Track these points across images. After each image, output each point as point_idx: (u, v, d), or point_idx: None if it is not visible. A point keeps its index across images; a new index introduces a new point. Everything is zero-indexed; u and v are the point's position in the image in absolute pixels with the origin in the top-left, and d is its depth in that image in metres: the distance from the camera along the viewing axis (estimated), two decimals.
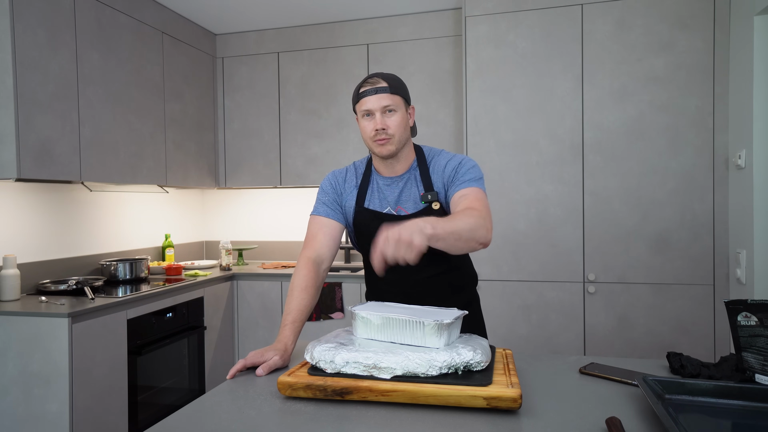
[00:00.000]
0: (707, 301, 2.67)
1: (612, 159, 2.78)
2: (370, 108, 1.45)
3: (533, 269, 2.88)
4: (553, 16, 2.85)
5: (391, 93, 1.45)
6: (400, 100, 1.47)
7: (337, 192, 1.57)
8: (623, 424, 0.94)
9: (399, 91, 1.47)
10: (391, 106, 1.45)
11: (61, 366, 2.18)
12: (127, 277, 3.03)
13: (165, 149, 3.29)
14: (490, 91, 2.94)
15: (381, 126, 1.44)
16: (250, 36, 3.80)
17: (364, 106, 1.46)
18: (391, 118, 1.45)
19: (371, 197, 1.54)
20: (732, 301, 1.08)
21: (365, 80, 1.49)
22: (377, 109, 1.44)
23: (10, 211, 2.62)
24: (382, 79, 1.47)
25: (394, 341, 1.16)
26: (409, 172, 1.54)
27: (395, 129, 1.45)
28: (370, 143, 1.48)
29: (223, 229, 4.17)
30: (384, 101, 1.44)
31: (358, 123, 1.53)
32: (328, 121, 3.66)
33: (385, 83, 1.46)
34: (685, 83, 2.69)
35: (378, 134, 1.45)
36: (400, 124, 1.46)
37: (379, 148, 1.47)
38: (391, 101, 1.45)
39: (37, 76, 2.39)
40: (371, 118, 1.46)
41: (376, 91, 1.45)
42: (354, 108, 1.52)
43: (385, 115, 1.45)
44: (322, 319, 3.34)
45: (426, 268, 1.51)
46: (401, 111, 1.47)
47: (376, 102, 1.44)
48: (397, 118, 1.46)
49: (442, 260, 1.53)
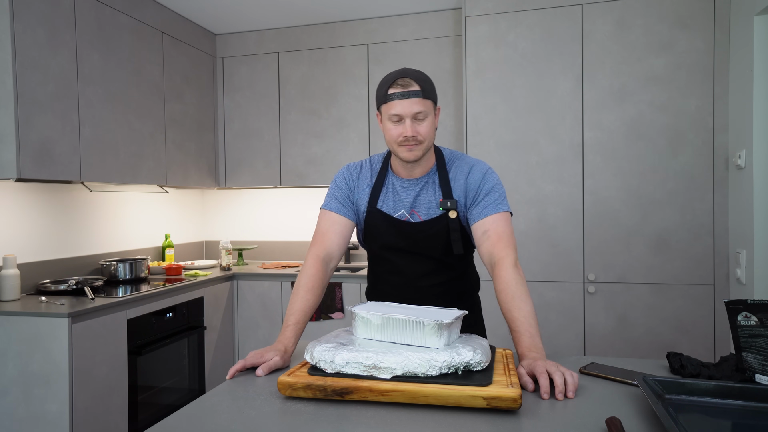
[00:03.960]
0: (707, 301, 2.67)
1: (612, 159, 2.78)
2: (400, 113, 1.33)
3: (533, 269, 2.88)
4: (553, 16, 2.85)
5: (423, 98, 1.33)
6: (431, 104, 1.36)
7: (350, 188, 1.50)
8: (623, 424, 0.94)
9: (430, 95, 1.36)
10: (423, 113, 1.34)
11: (61, 366, 2.18)
12: (127, 277, 3.03)
13: (165, 149, 3.29)
14: (490, 91, 2.94)
15: (412, 134, 1.34)
16: (250, 36, 3.80)
17: (393, 110, 1.34)
18: (422, 125, 1.35)
19: (385, 198, 1.48)
20: (732, 301, 1.08)
21: (395, 80, 1.34)
22: (408, 116, 1.33)
23: (10, 211, 2.62)
24: (413, 80, 1.33)
25: (394, 341, 1.16)
26: (427, 176, 1.46)
27: (425, 135, 1.36)
28: (395, 147, 1.38)
29: (223, 229, 4.17)
30: (416, 107, 1.32)
31: (379, 122, 1.41)
32: (328, 121, 3.66)
33: (417, 86, 1.33)
34: (685, 83, 2.69)
35: (407, 140, 1.35)
36: (431, 129, 1.37)
37: (407, 153, 1.37)
38: (423, 107, 1.33)
39: (37, 76, 2.39)
40: (399, 123, 1.35)
41: (407, 95, 1.32)
42: (378, 107, 1.40)
43: (415, 121, 1.34)
44: (322, 319, 3.34)
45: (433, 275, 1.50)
46: (431, 116, 1.37)
47: (407, 108, 1.32)
48: (428, 123, 1.36)
49: (449, 269, 1.52)
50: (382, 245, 1.50)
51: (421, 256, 1.48)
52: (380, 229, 1.48)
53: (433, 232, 1.44)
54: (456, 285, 1.55)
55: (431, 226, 1.44)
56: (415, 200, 1.46)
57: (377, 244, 1.52)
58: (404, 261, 1.49)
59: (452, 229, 1.43)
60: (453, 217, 1.42)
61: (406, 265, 1.50)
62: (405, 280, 1.51)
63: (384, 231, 1.48)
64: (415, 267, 1.49)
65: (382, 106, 1.38)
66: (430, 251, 1.47)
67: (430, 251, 1.47)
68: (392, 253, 1.50)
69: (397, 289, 1.53)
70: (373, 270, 1.62)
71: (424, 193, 1.46)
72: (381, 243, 1.50)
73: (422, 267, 1.49)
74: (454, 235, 1.43)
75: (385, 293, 1.57)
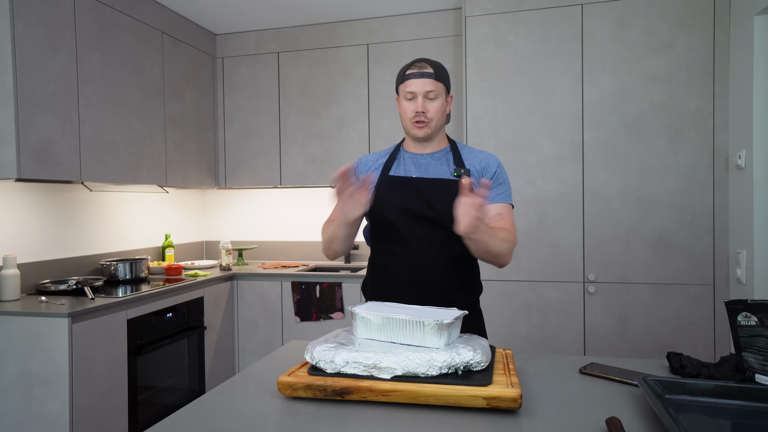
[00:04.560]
0: (707, 301, 2.67)
1: (612, 159, 2.78)
2: (414, 90, 1.50)
3: (533, 269, 2.88)
4: (553, 16, 2.85)
5: (435, 79, 1.50)
6: (443, 87, 1.52)
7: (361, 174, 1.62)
8: (623, 424, 0.94)
9: (443, 79, 1.52)
10: (434, 93, 1.50)
11: (61, 366, 2.18)
12: (127, 277, 3.03)
13: (165, 149, 3.29)
14: (490, 91, 2.94)
15: (421, 109, 1.50)
16: (250, 36, 3.80)
17: (408, 88, 1.51)
18: (432, 104, 1.51)
19: (397, 169, 1.59)
20: (732, 301, 1.08)
21: (413, 63, 1.53)
22: (420, 93, 1.50)
23: (10, 211, 2.62)
24: (429, 65, 1.51)
25: (394, 341, 1.16)
26: (440, 152, 1.59)
27: (434, 114, 1.51)
28: (407, 124, 1.54)
29: (223, 229, 4.17)
30: (428, 86, 1.49)
31: (398, 103, 1.58)
32: (328, 121, 3.66)
33: (431, 69, 1.50)
34: (685, 83, 2.69)
35: (417, 116, 1.50)
36: (439, 109, 1.52)
37: (416, 130, 1.53)
38: (434, 87, 1.50)
39: (37, 76, 2.39)
40: (413, 101, 1.51)
41: (421, 75, 1.50)
42: (397, 88, 1.57)
43: (426, 99, 1.50)
44: (322, 319, 3.34)
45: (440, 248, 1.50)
46: (442, 98, 1.52)
47: (420, 86, 1.49)
48: (438, 104, 1.51)
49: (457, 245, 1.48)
50: (392, 208, 1.52)
51: (432, 224, 1.49)
52: (392, 192, 1.53)
53: (446, 192, 1.49)
54: (462, 270, 1.54)
55: (445, 185, 1.51)
56: (427, 169, 1.56)
57: (387, 208, 1.52)
58: (412, 229, 1.50)
59: None
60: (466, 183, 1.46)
61: (413, 233, 1.50)
62: (410, 252, 1.51)
63: (396, 193, 1.54)
64: (424, 236, 1.50)
65: (400, 86, 1.55)
66: (442, 215, 1.47)
67: (442, 215, 1.47)
68: (401, 219, 1.51)
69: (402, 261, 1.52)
70: (376, 248, 1.61)
71: (437, 165, 1.57)
72: (392, 205, 1.52)
73: (431, 237, 1.50)
74: None
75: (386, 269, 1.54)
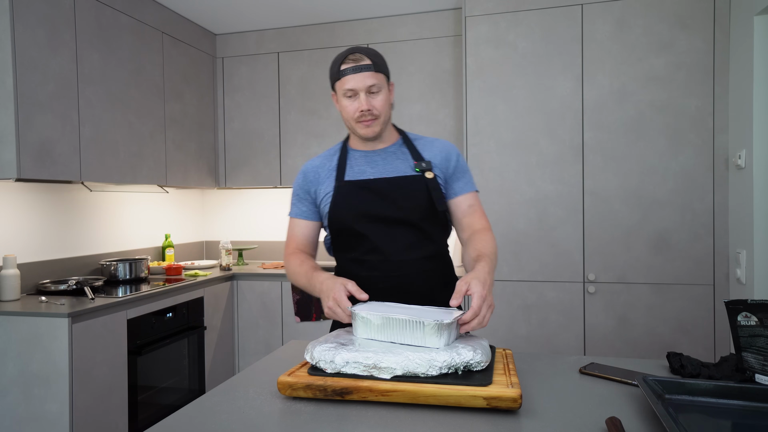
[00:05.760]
0: (707, 301, 2.67)
1: (612, 159, 2.78)
2: (353, 87, 1.37)
3: (533, 269, 2.88)
4: (553, 16, 2.85)
5: (375, 71, 1.38)
6: (383, 78, 1.41)
7: (312, 186, 1.50)
8: (623, 424, 0.94)
9: (382, 69, 1.40)
10: (376, 86, 1.38)
11: (61, 366, 2.18)
12: (127, 277, 3.03)
13: (165, 149, 3.29)
14: (490, 91, 2.94)
15: (367, 107, 1.38)
16: (250, 36, 3.80)
17: (347, 85, 1.37)
18: (376, 98, 1.39)
19: (351, 170, 1.46)
20: (732, 301, 1.08)
21: (346, 56, 1.38)
22: (361, 89, 1.37)
23: (10, 211, 2.62)
24: (364, 55, 1.38)
25: (393, 341, 1.16)
26: (394, 146, 1.48)
27: (380, 109, 1.40)
28: (352, 124, 1.42)
29: (223, 229, 4.17)
30: (368, 80, 1.37)
31: (336, 102, 1.45)
32: (328, 121, 3.66)
33: (369, 60, 1.37)
34: (685, 83, 2.69)
35: (364, 115, 1.39)
36: (385, 102, 1.41)
37: (365, 129, 1.41)
38: (375, 80, 1.38)
39: (37, 76, 2.39)
40: (354, 99, 1.39)
41: (359, 70, 1.36)
42: (333, 85, 1.43)
43: (369, 95, 1.38)
44: (322, 319, 3.33)
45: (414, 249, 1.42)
46: (385, 89, 1.41)
47: (360, 81, 1.37)
48: (382, 97, 1.40)
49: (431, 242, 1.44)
50: (357, 216, 1.41)
51: (402, 225, 1.41)
52: (353, 199, 1.42)
53: (412, 190, 1.41)
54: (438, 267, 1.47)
55: (408, 182, 1.41)
56: (384, 167, 1.45)
57: (351, 217, 1.42)
58: (383, 234, 1.41)
59: (432, 187, 1.42)
60: (430, 177, 1.42)
61: (385, 238, 1.41)
62: (384, 257, 1.41)
63: (358, 199, 1.42)
64: (396, 239, 1.41)
65: (336, 83, 1.41)
66: (411, 214, 1.40)
67: (411, 214, 1.40)
68: (369, 226, 1.41)
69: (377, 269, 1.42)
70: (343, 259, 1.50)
71: (393, 161, 1.46)
72: (356, 213, 1.41)
73: (403, 238, 1.41)
74: (435, 193, 1.42)
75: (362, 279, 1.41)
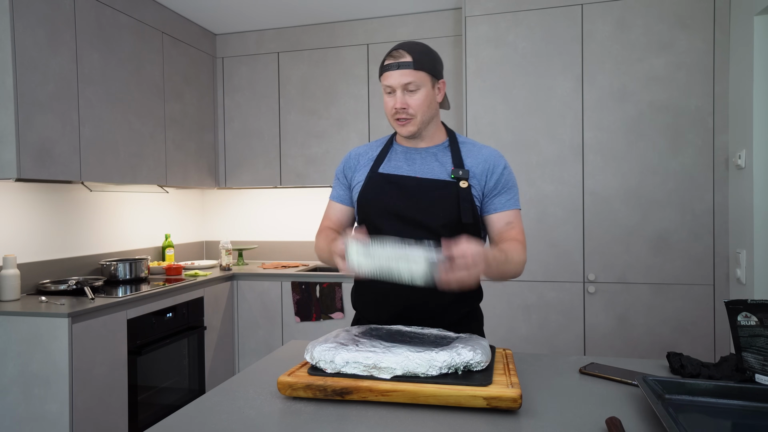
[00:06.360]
0: (707, 301, 2.67)
1: (612, 159, 2.78)
2: (391, 84, 1.35)
3: (533, 269, 2.88)
4: (553, 16, 2.85)
5: (414, 69, 1.33)
6: (425, 76, 1.35)
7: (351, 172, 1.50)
8: (623, 424, 0.94)
9: (425, 66, 1.34)
10: (414, 84, 1.34)
11: (61, 366, 2.18)
12: (127, 277, 3.02)
13: (165, 149, 3.29)
14: (490, 91, 2.94)
15: (401, 105, 1.35)
16: (250, 36, 3.80)
17: (386, 81, 1.36)
18: (413, 97, 1.35)
19: (388, 164, 1.44)
20: (732, 301, 1.08)
21: (390, 52, 1.37)
22: (398, 87, 1.34)
23: (10, 211, 2.62)
24: (407, 52, 1.34)
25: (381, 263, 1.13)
26: (437, 147, 1.44)
27: (417, 109, 1.35)
28: (391, 121, 1.40)
29: (223, 229, 4.17)
30: (405, 78, 1.33)
31: None
32: (328, 121, 3.66)
33: (410, 57, 1.34)
34: (685, 83, 2.69)
35: (398, 113, 1.36)
36: (423, 102, 1.36)
37: (400, 128, 1.39)
38: (413, 78, 1.33)
39: (37, 76, 2.39)
40: (392, 95, 1.36)
41: (398, 66, 1.34)
42: (380, 80, 1.42)
43: (406, 93, 1.35)
44: (322, 319, 3.34)
45: None
46: (426, 88, 1.36)
47: (397, 78, 1.34)
48: (420, 96, 1.35)
49: None
50: (378, 209, 1.39)
51: (420, 228, 1.36)
52: (379, 192, 1.40)
53: (440, 195, 1.37)
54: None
55: (438, 187, 1.37)
56: (421, 166, 1.42)
57: (374, 209, 1.40)
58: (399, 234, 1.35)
59: (462, 198, 1.36)
60: (464, 186, 1.37)
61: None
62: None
63: (384, 193, 1.40)
64: None
65: (380, 78, 1.39)
66: (435, 219, 1.36)
67: (435, 219, 1.36)
68: (387, 222, 1.38)
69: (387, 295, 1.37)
70: None
71: (431, 162, 1.42)
72: (378, 206, 1.39)
73: None
74: (464, 204, 1.36)
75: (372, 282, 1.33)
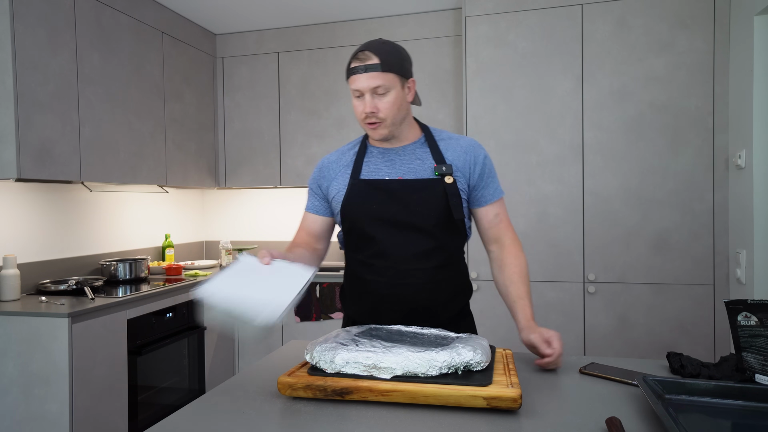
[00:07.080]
0: (707, 301, 2.67)
1: (612, 159, 2.78)
2: (359, 88, 1.30)
3: (533, 269, 2.87)
4: (553, 16, 2.85)
5: (382, 71, 1.28)
6: (394, 77, 1.30)
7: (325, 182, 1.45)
8: (623, 424, 0.94)
9: (393, 68, 1.29)
10: (383, 87, 1.29)
11: (61, 366, 2.18)
12: (127, 277, 3.03)
13: (165, 149, 3.29)
14: (490, 91, 2.94)
15: (370, 110, 1.30)
16: (250, 36, 3.80)
17: (353, 85, 1.31)
18: (382, 101, 1.30)
19: (367, 169, 1.40)
20: (732, 301, 1.08)
21: (356, 54, 1.31)
22: (366, 90, 1.29)
23: (10, 211, 2.62)
24: (374, 53, 1.29)
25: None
26: (413, 144, 1.40)
27: (387, 112, 1.31)
28: (362, 124, 1.36)
29: (223, 229, 4.17)
30: (374, 81, 1.28)
31: None
32: (328, 121, 3.66)
33: (377, 59, 1.28)
34: (685, 83, 2.69)
35: (368, 117, 1.32)
36: (393, 105, 1.31)
37: (371, 131, 1.35)
38: (381, 81, 1.28)
39: (37, 76, 2.39)
40: (361, 99, 1.32)
41: (365, 69, 1.29)
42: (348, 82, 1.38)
43: (375, 96, 1.30)
44: (322, 319, 3.34)
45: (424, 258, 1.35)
46: (395, 90, 1.31)
47: (365, 82, 1.29)
48: (390, 98, 1.30)
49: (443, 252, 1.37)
50: (367, 217, 1.36)
51: (413, 231, 1.34)
52: (365, 199, 1.35)
53: (428, 194, 1.33)
54: (449, 277, 1.40)
55: (425, 186, 1.34)
56: (401, 167, 1.38)
57: (362, 217, 1.36)
58: (393, 239, 1.34)
59: (451, 194, 1.34)
60: (449, 182, 1.34)
61: (394, 244, 1.34)
62: (390, 264, 1.35)
63: (370, 199, 1.35)
64: (405, 246, 1.34)
65: (348, 81, 1.35)
66: (424, 220, 1.33)
67: (424, 220, 1.33)
68: (379, 229, 1.35)
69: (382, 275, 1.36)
70: (352, 258, 1.44)
71: (412, 161, 1.38)
72: (367, 214, 1.35)
73: (414, 246, 1.34)
74: (453, 200, 1.34)
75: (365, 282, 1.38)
